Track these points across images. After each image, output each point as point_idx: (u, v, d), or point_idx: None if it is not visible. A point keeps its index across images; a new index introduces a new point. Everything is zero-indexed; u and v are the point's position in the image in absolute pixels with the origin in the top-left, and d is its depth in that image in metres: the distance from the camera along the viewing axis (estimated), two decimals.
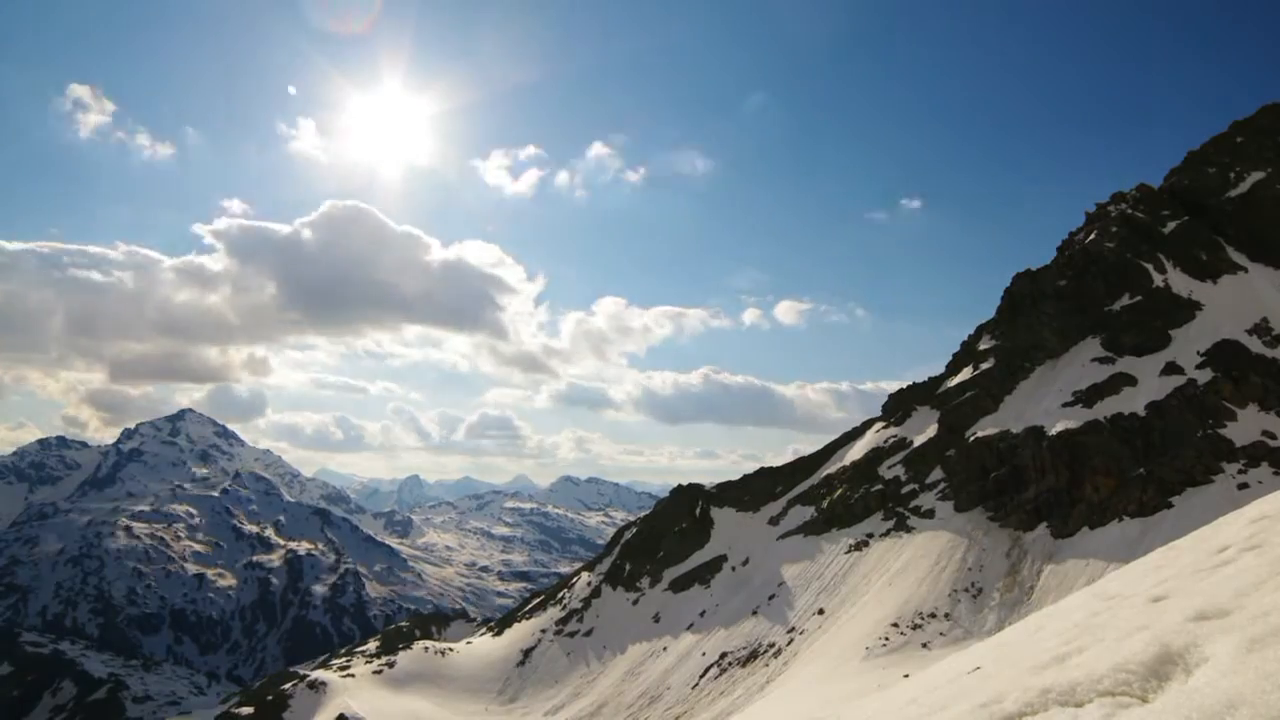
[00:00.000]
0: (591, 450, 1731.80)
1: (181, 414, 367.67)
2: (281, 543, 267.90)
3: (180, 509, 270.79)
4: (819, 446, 74.02)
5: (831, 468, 66.94)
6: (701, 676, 48.75)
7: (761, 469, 76.15)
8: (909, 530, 49.84)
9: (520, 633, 70.17)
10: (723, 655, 49.49)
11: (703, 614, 57.48)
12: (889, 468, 58.78)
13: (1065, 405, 47.64)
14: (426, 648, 67.64)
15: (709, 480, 79.99)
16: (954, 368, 64.53)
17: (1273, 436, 41.13)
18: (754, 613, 52.76)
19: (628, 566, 70.38)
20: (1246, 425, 41.98)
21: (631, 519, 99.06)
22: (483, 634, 76.28)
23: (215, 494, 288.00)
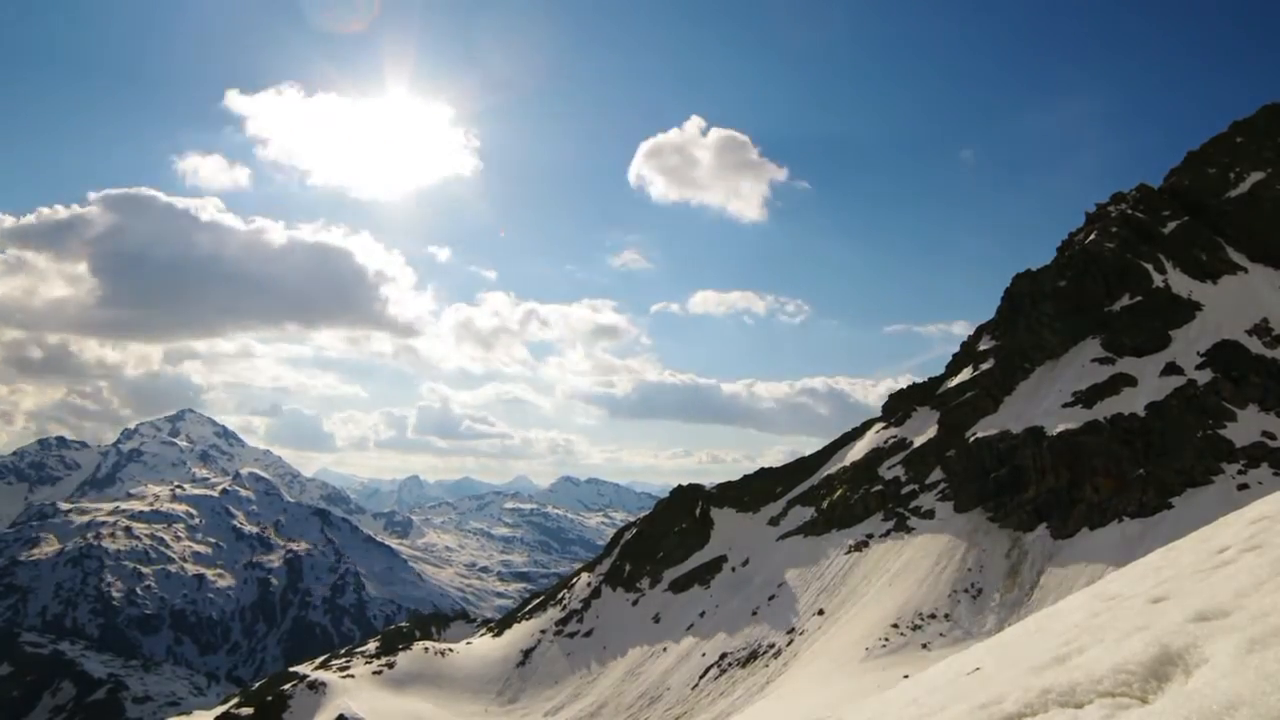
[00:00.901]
0: (565, 449, 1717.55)
1: (181, 414, 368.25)
2: (281, 543, 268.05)
3: (180, 509, 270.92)
4: (768, 443, 74.10)
5: (831, 468, 66.96)
6: (701, 677, 48.76)
7: (761, 469, 76.21)
8: (909, 531, 49.84)
9: (520, 633, 70.15)
10: (722, 656, 49.49)
11: (702, 615, 57.48)
12: (889, 468, 58.78)
13: (1065, 406, 47.65)
14: (426, 648, 67.60)
15: (683, 479, 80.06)
16: (954, 368, 64.56)
17: (1272, 437, 41.14)
18: (754, 613, 52.75)
19: (627, 567, 70.37)
20: (1246, 426, 41.99)
21: (631, 520, 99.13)
22: (482, 634, 76.26)
23: (215, 494, 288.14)
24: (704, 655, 51.34)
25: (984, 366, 58.18)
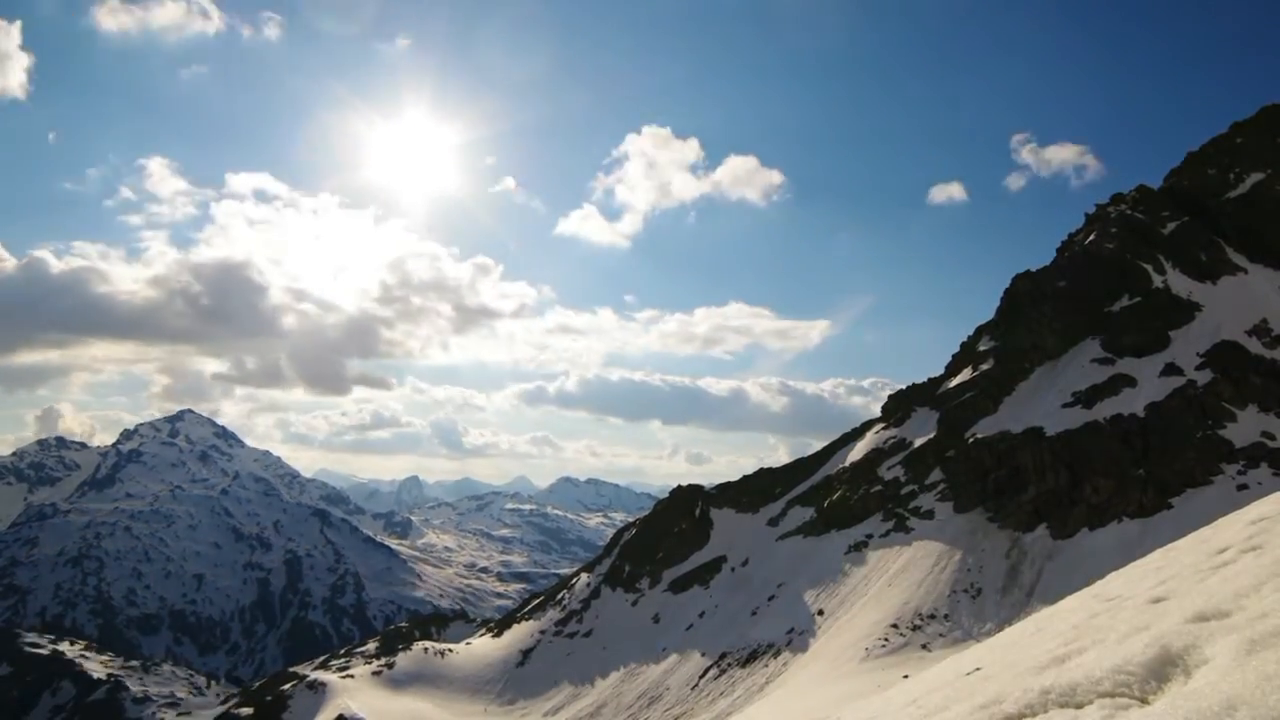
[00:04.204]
0: (531, 448, 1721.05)
1: (181, 414, 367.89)
2: (281, 543, 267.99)
3: (179, 509, 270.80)
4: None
5: (831, 469, 66.94)
6: (701, 677, 48.73)
7: (761, 469, 76.23)
8: (908, 531, 49.82)
9: (520, 634, 70.12)
10: (722, 656, 49.46)
11: (702, 615, 57.46)
12: (888, 469, 58.75)
13: (1065, 406, 47.68)
14: (426, 648, 67.58)
15: (663, 478, 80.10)
16: (953, 369, 64.54)
17: (1272, 437, 41.17)
18: (753, 614, 52.75)
19: (627, 567, 70.35)
20: (1246, 426, 42.03)
21: (631, 520, 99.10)
22: (482, 635, 76.23)
23: (214, 494, 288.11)
24: (703, 655, 51.32)
25: (984, 367, 58.18)
